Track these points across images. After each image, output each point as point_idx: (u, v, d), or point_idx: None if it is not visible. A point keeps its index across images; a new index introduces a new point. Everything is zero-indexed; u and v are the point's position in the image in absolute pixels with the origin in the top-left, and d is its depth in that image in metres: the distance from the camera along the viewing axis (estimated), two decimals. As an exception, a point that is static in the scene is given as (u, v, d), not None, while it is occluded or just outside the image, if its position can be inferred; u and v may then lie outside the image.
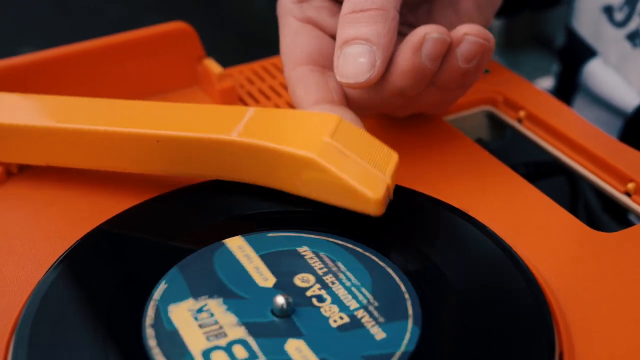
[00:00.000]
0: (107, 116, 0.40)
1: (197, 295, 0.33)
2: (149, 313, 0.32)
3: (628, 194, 0.41)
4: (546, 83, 0.69)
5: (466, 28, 0.38)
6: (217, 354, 0.30)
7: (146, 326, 0.31)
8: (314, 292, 0.33)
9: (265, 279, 0.34)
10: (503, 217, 0.39)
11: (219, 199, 0.39)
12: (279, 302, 0.32)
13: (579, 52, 0.60)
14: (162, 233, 0.37)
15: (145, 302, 0.32)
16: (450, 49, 0.38)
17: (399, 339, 0.31)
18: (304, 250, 0.35)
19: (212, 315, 0.32)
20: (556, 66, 0.68)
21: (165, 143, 0.38)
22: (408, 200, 0.39)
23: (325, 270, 0.34)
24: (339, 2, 0.42)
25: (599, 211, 0.57)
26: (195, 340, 0.31)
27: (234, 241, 0.36)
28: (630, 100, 0.55)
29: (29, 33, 1.85)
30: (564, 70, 0.64)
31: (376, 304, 0.32)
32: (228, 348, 0.31)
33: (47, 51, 0.48)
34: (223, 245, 0.36)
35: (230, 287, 0.33)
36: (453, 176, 0.42)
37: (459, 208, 0.38)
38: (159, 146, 0.38)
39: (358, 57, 0.38)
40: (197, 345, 0.31)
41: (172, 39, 0.50)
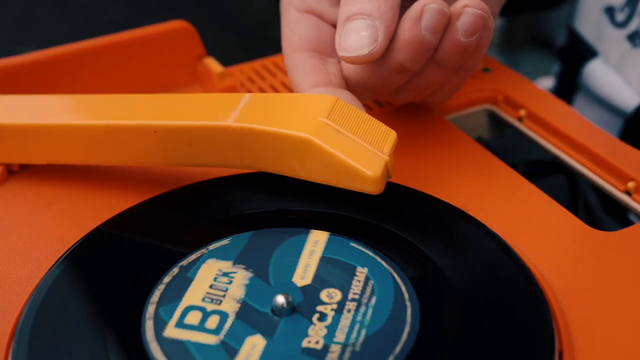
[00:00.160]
0: (104, 110, 0.40)
1: (238, 261, 0.33)
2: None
3: (628, 192, 0.41)
4: (546, 83, 0.69)
5: (466, 0, 0.38)
6: (194, 314, 0.31)
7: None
8: (324, 310, 0.32)
9: (303, 277, 0.33)
10: (503, 216, 0.39)
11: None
12: (278, 301, 0.32)
13: (579, 52, 0.60)
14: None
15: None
16: (450, 22, 0.38)
17: None
18: (361, 271, 0.34)
19: (229, 282, 0.32)
20: (556, 66, 0.68)
21: (162, 133, 0.38)
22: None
23: (357, 297, 0.33)
24: None
25: (599, 210, 0.57)
26: (194, 295, 0.32)
27: (317, 234, 0.36)
28: (630, 101, 0.55)
29: (29, 33, 1.85)
30: (564, 70, 0.64)
31: (357, 349, 0.30)
32: (207, 314, 0.31)
33: (47, 50, 0.48)
34: (308, 233, 0.36)
35: (269, 269, 0.33)
36: (453, 175, 0.42)
37: (459, 207, 0.38)
38: (157, 137, 0.38)
39: (360, 31, 0.37)
40: (191, 299, 0.31)
41: (173, 38, 0.50)
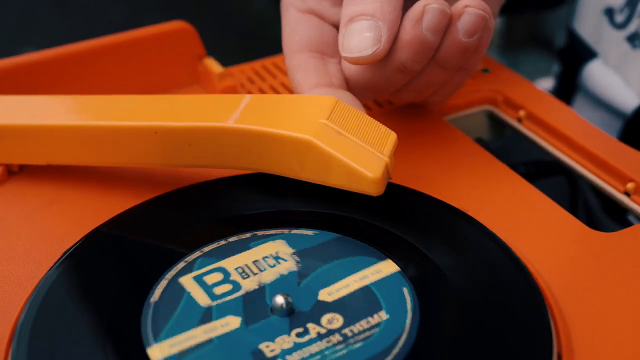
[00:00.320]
0: (104, 111, 0.40)
1: (300, 253, 0.35)
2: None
3: (627, 193, 0.41)
4: (546, 84, 0.69)
5: (467, 1, 0.38)
6: (216, 275, 0.34)
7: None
8: (312, 329, 0.31)
9: (330, 294, 0.33)
10: (502, 217, 0.39)
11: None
12: (277, 301, 0.32)
13: (579, 53, 0.60)
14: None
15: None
16: (451, 22, 0.38)
17: None
18: (381, 315, 0.32)
19: (271, 266, 0.34)
20: (556, 67, 0.68)
21: (163, 134, 0.38)
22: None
23: (350, 334, 0.31)
24: None
25: (599, 211, 0.57)
26: (235, 261, 0.34)
27: (387, 265, 0.34)
28: (629, 101, 0.55)
29: (29, 33, 1.85)
30: (564, 71, 0.64)
31: None
32: (225, 281, 0.33)
33: (47, 51, 0.48)
34: (381, 260, 0.35)
35: (313, 273, 0.34)
36: (453, 176, 0.42)
37: (459, 208, 0.38)
38: (157, 138, 0.38)
39: (364, 32, 0.38)
40: (229, 263, 0.34)
41: (173, 38, 0.50)
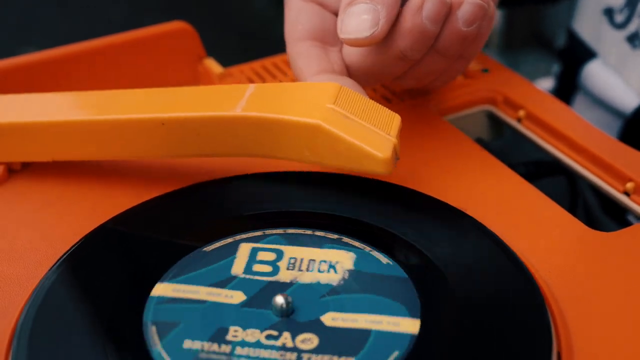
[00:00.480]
0: (109, 106, 0.40)
1: (349, 277, 0.34)
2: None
3: (627, 193, 0.41)
4: (546, 84, 0.69)
5: None
6: (269, 255, 0.35)
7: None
8: (277, 342, 0.31)
9: (334, 319, 0.32)
10: (502, 217, 0.39)
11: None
12: (277, 300, 0.32)
13: (579, 53, 0.60)
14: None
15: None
16: (451, 11, 0.39)
17: None
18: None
19: (322, 270, 0.34)
20: (556, 66, 0.68)
21: (170, 125, 0.39)
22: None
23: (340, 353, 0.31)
24: None
25: (598, 211, 0.57)
26: (295, 252, 0.35)
27: (410, 323, 0.33)
28: (629, 101, 0.55)
29: (29, 33, 1.85)
30: (564, 71, 0.64)
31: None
32: (269, 262, 0.35)
33: (48, 51, 0.48)
34: (408, 318, 0.33)
35: (345, 296, 0.33)
36: (452, 176, 0.42)
37: (458, 208, 0.38)
38: (164, 129, 0.39)
39: (362, 14, 0.38)
40: (291, 252, 0.35)
41: (173, 38, 0.51)
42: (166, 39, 0.50)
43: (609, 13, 0.57)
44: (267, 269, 0.34)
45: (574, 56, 0.61)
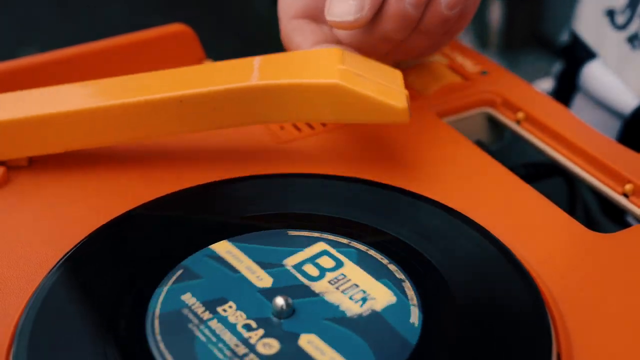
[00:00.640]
0: (124, 90, 0.41)
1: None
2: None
3: (626, 195, 0.41)
4: (545, 85, 0.69)
5: None
6: (312, 269, 0.34)
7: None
8: (245, 334, 0.31)
9: (310, 342, 0.32)
10: (502, 219, 0.39)
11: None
12: (277, 301, 0.32)
13: (579, 54, 0.60)
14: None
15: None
16: None
17: None
18: None
19: (361, 296, 0.33)
20: (557, 66, 0.68)
21: (188, 102, 0.39)
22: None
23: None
24: None
25: (597, 212, 0.57)
26: (350, 271, 0.34)
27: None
28: (628, 102, 0.55)
29: (29, 34, 1.85)
30: (564, 71, 0.64)
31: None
32: (316, 271, 0.34)
33: (47, 53, 0.48)
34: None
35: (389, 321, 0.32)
36: (452, 178, 0.42)
37: (458, 210, 0.38)
38: (182, 107, 0.40)
39: (348, 0, 0.40)
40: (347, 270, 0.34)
41: (172, 41, 0.51)
42: (166, 41, 0.50)
43: (610, 14, 0.57)
44: (315, 272, 0.34)
45: (574, 56, 0.61)
